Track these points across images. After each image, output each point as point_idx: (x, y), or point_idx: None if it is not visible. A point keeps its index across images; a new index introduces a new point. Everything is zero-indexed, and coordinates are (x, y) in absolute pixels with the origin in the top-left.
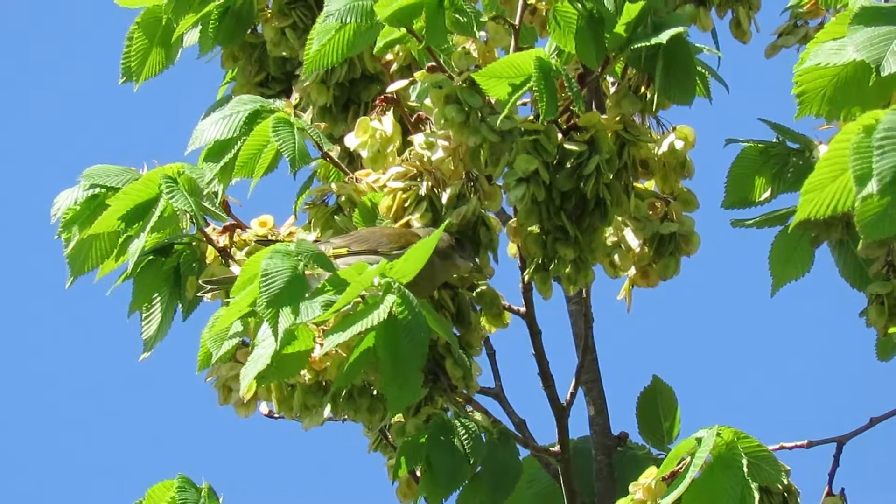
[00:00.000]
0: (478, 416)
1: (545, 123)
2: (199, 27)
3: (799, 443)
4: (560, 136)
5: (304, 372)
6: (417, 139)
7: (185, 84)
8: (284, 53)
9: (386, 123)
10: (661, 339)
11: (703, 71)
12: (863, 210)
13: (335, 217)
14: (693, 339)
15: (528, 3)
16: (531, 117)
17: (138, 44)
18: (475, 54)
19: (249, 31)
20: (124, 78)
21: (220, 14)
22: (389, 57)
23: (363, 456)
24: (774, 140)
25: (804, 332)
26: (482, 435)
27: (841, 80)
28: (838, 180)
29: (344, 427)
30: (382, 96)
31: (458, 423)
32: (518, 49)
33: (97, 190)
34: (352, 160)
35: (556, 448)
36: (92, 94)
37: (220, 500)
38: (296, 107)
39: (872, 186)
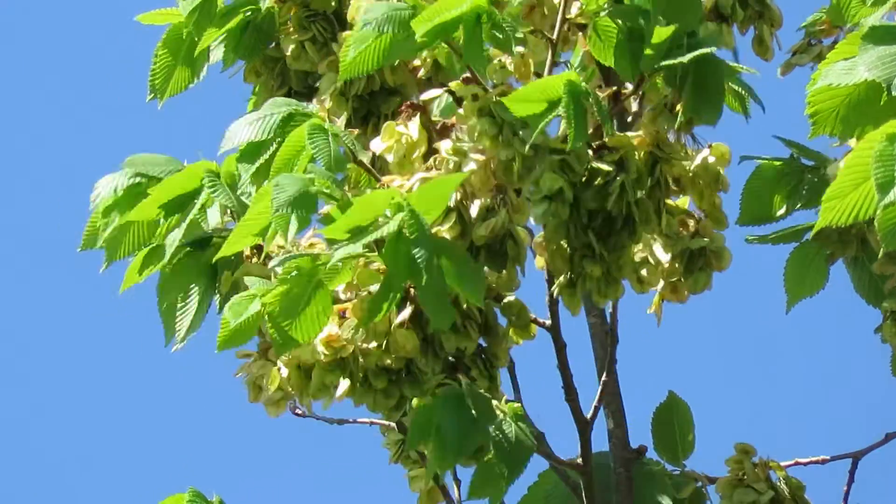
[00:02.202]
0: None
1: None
2: (222, 42)
3: (814, 459)
4: (590, 153)
5: (321, 349)
6: (444, 145)
7: (213, 99)
8: (305, 67)
9: (412, 128)
10: (678, 353)
11: (740, 89)
12: (884, 218)
13: None
14: (708, 353)
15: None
16: (561, 136)
17: (162, 60)
18: (511, 67)
19: (272, 45)
20: (151, 95)
21: (242, 28)
22: (417, 63)
23: (385, 467)
24: (789, 157)
25: (819, 349)
26: (495, 408)
27: (853, 100)
28: (860, 188)
29: (368, 437)
30: (409, 102)
31: (468, 392)
32: (554, 63)
33: (139, 179)
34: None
35: (579, 461)
36: (121, 106)
37: None
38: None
39: (894, 194)
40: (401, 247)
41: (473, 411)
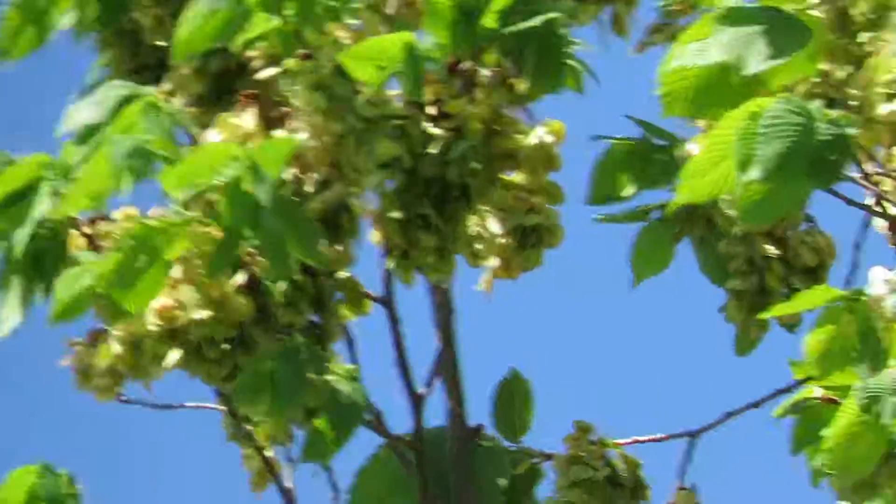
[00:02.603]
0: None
1: (410, 109)
2: (73, 9)
3: (652, 437)
4: (428, 123)
5: (154, 320)
6: (278, 135)
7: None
8: (161, 42)
9: (247, 119)
10: (521, 331)
11: (576, 64)
12: (744, 196)
13: None
14: (553, 331)
15: None
16: (398, 104)
17: (12, 22)
18: (347, 42)
19: (126, 16)
20: None
21: None
22: (254, 53)
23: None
24: (640, 137)
25: (662, 327)
26: (327, 364)
27: (705, 81)
28: (719, 167)
29: (205, 419)
30: (245, 93)
31: (305, 349)
32: None
33: None
34: None
35: (412, 438)
36: None
37: (80, 489)
38: (169, 94)
39: (755, 172)
40: (240, 197)
41: (308, 365)
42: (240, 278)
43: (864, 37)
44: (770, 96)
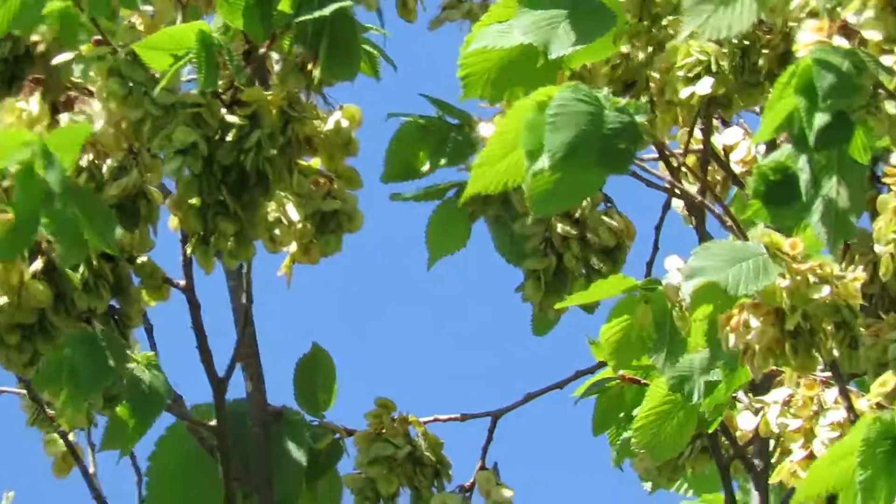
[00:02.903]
0: None
1: (207, 96)
2: None
3: (453, 416)
4: (224, 110)
5: None
6: (63, 118)
7: None
8: None
9: (32, 104)
10: (322, 314)
11: (372, 50)
12: (534, 186)
13: None
14: (354, 313)
15: None
16: (195, 92)
17: None
18: (141, 28)
19: None
20: None
21: None
22: (36, 38)
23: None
24: (435, 115)
25: (462, 307)
26: (128, 352)
27: (506, 63)
28: (509, 157)
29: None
30: (32, 77)
31: (102, 335)
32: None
33: None
34: None
35: (213, 423)
36: None
37: None
38: None
39: (544, 161)
40: (32, 182)
41: (107, 352)
42: (37, 264)
43: (665, 20)
44: (572, 80)
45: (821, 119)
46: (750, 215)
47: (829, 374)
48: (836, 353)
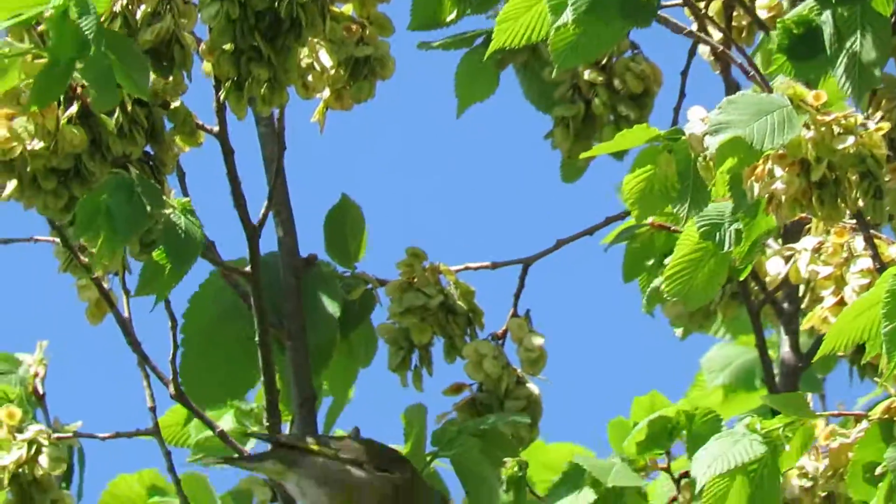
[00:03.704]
0: None
1: None
2: None
3: (484, 264)
4: None
5: None
6: None
7: None
8: None
9: None
10: (351, 163)
11: None
12: (556, 39)
13: None
14: (382, 161)
15: None
16: None
17: None
18: None
19: None
20: None
21: None
22: None
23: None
24: None
25: (491, 154)
26: (164, 197)
27: None
28: (533, 10)
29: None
30: None
31: (138, 180)
32: None
33: None
34: None
35: (247, 268)
36: None
37: None
38: None
39: (567, 16)
40: (66, 27)
41: (143, 198)
42: (72, 109)
43: None
44: None
45: None
46: (774, 70)
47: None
48: (861, 203)
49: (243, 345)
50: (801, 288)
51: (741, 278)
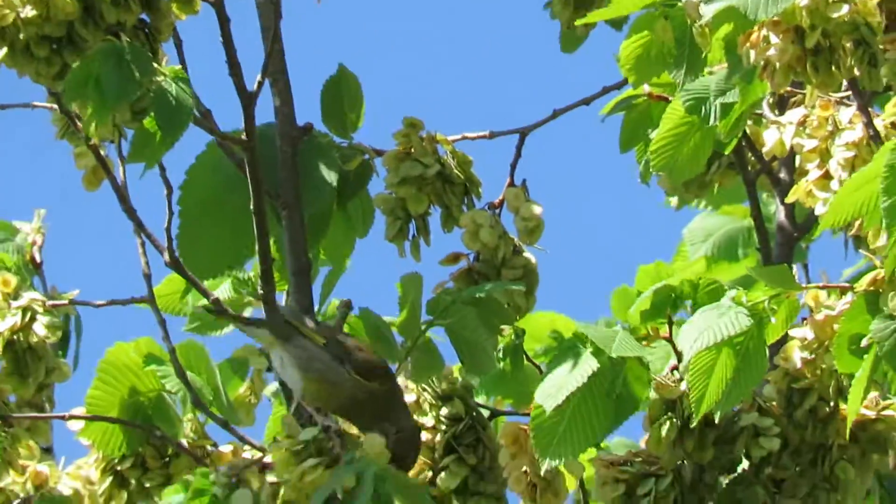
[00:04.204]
0: None
1: None
2: None
3: (481, 133)
4: None
5: None
6: None
7: None
8: None
9: None
10: (346, 31)
11: None
12: None
13: None
14: (379, 31)
15: None
16: None
17: None
18: None
19: None
20: None
21: None
22: None
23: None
24: None
25: (488, 24)
26: (153, 64)
27: None
28: None
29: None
30: None
31: (129, 48)
32: None
33: None
34: None
35: (243, 136)
36: None
37: None
38: None
39: None
40: None
41: (133, 66)
42: None
43: None
44: None
45: None
46: None
47: (848, 93)
48: (856, 70)
49: (241, 215)
50: (798, 158)
51: (727, 152)
